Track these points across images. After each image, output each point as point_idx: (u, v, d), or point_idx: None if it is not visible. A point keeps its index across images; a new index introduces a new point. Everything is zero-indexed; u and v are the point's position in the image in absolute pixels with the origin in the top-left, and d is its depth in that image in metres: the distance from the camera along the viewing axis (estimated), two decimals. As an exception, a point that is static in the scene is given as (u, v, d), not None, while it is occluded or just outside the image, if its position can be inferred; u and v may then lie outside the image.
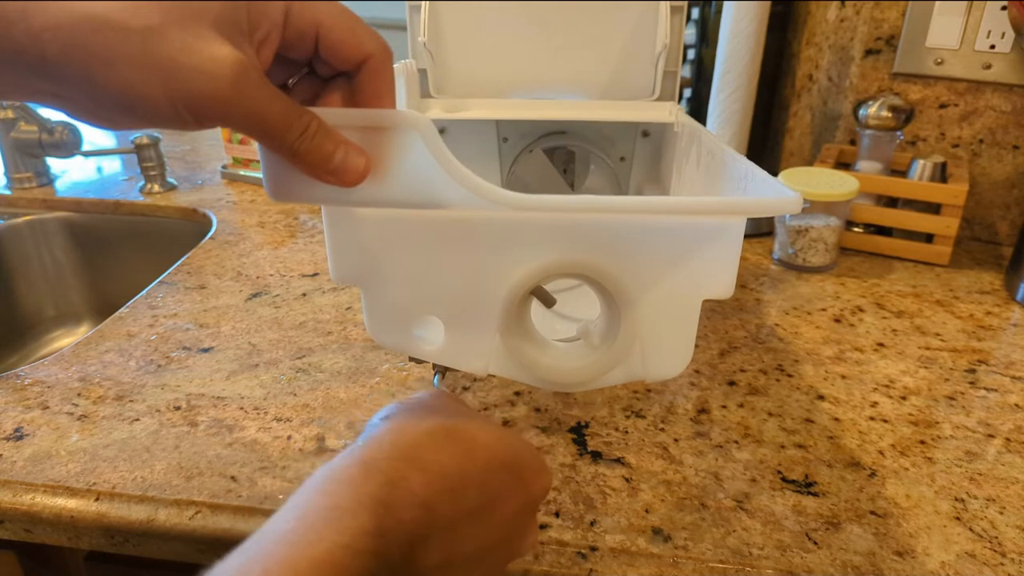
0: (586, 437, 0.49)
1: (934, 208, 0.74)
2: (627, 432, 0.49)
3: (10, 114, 0.89)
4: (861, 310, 0.67)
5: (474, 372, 0.41)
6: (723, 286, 0.39)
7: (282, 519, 0.25)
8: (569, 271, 0.39)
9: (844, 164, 0.82)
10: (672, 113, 0.58)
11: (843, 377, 0.56)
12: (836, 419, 0.52)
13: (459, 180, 0.33)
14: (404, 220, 0.38)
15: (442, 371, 0.50)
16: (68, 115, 0.30)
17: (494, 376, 0.55)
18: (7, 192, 0.92)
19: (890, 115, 0.74)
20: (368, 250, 0.39)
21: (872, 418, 0.52)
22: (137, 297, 0.67)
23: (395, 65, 0.38)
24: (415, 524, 0.27)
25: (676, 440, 0.49)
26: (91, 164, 1.02)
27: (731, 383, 0.55)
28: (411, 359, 0.47)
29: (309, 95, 0.34)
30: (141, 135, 0.89)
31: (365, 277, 0.40)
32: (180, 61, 0.26)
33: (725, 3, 0.77)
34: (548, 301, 0.42)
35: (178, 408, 0.51)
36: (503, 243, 0.38)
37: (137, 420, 0.50)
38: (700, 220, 0.37)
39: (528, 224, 0.38)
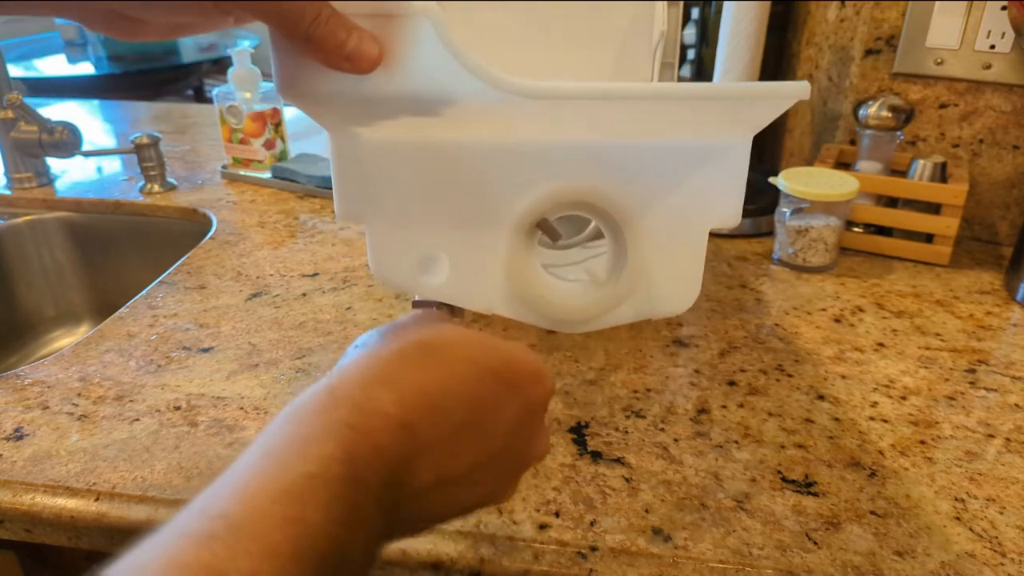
0: (586, 437, 0.49)
1: (934, 208, 0.74)
2: (627, 432, 0.49)
3: (10, 114, 0.89)
4: (861, 310, 0.67)
5: (479, 310, 0.41)
6: (729, 213, 0.39)
7: (247, 456, 0.24)
8: (574, 198, 0.38)
9: (844, 164, 0.82)
10: None
11: (843, 377, 0.56)
12: (836, 419, 0.52)
13: (468, 67, 0.33)
14: (408, 147, 0.37)
15: (446, 315, 0.49)
16: (82, 23, 0.30)
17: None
18: (7, 192, 0.92)
19: (890, 115, 0.74)
20: (373, 181, 0.38)
21: (872, 418, 0.52)
22: (137, 297, 0.67)
23: None
24: (395, 446, 0.26)
25: (676, 440, 0.49)
26: (91, 164, 1.02)
27: (731, 383, 0.55)
28: (415, 304, 0.46)
29: None
30: (141, 135, 0.89)
31: (369, 211, 0.39)
32: None
33: (725, 3, 0.77)
34: (554, 235, 0.41)
35: (178, 408, 0.51)
36: (508, 170, 0.38)
37: (137, 420, 0.50)
38: (704, 141, 0.37)
39: (533, 148, 0.37)
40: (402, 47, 0.33)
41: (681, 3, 0.58)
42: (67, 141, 0.90)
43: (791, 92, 0.35)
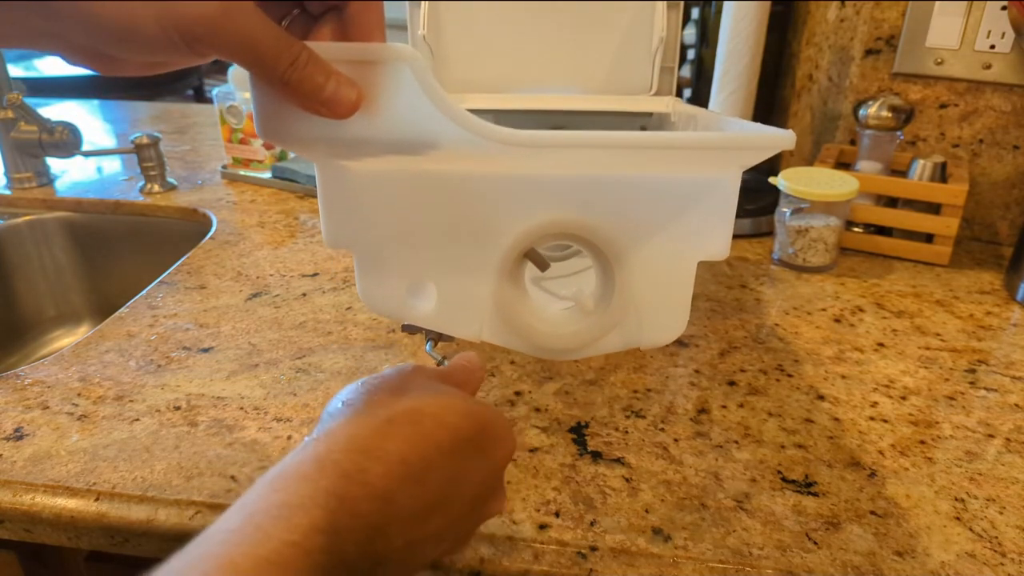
0: (586, 437, 0.49)
1: (934, 208, 0.74)
2: (627, 432, 0.49)
3: (10, 114, 0.89)
4: (861, 310, 0.67)
5: (467, 338, 0.41)
6: (718, 246, 0.39)
7: (229, 518, 0.24)
8: (562, 230, 0.38)
9: (844, 164, 0.82)
10: (669, 105, 0.58)
11: (843, 377, 0.56)
12: (836, 419, 0.52)
13: (448, 114, 0.33)
14: (396, 177, 0.37)
15: (435, 339, 0.50)
16: (62, 56, 0.30)
17: (493, 376, 0.55)
18: (7, 192, 0.92)
19: (890, 115, 0.74)
20: (360, 209, 0.38)
21: (872, 418, 0.52)
22: (137, 297, 0.67)
23: None
24: (373, 516, 0.26)
25: (676, 440, 0.49)
26: (91, 164, 1.02)
27: (731, 383, 0.55)
28: (404, 329, 0.46)
29: (300, 35, 0.34)
30: (141, 135, 0.89)
31: (357, 238, 0.39)
32: None
33: (725, 3, 0.77)
34: (542, 264, 0.41)
35: (178, 408, 0.51)
36: (495, 201, 0.38)
37: (137, 420, 0.50)
38: (693, 175, 0.37)
39: (520, 181, 0.37)
40: (382, 92, 0.33)
41: (681, 5, 0.58)
42: (67, 141, 0.90)
43: (774, 143, 0.36)
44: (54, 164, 0.98)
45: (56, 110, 1.31)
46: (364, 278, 0.40)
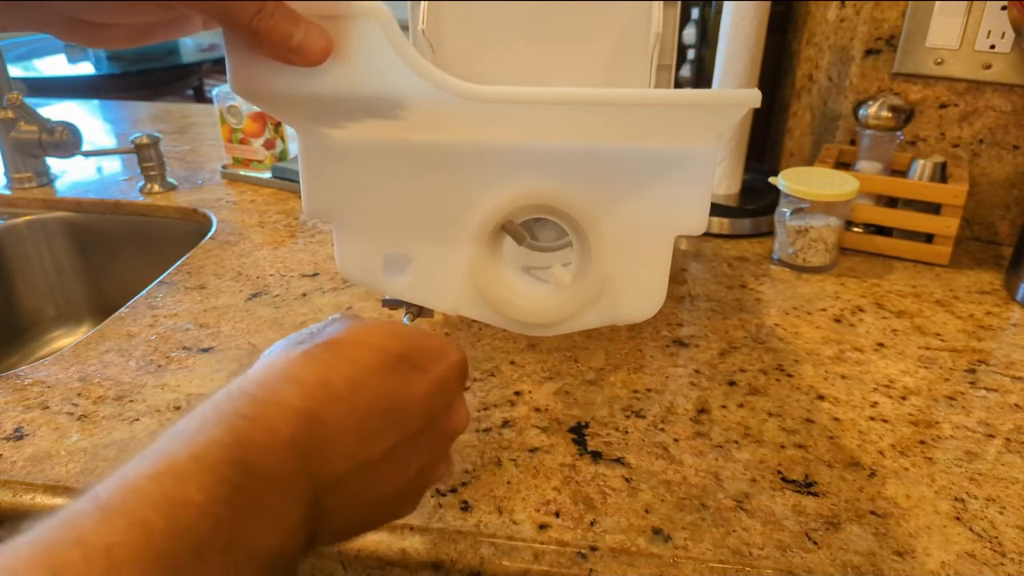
0: (586, 437, 0.49)
1: (934, 208, 0.74)
2: (627, 432, 0.49)
3: (10, 114, 0.89)
4: (861, 310, 0.67)
5: (443, 310, 0.41)
6: (695, 221, 0.39)
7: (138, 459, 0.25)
8: (537, 201, 0.39)
9: (844, 164, 0.82)
10: None
11: (843, 377, 0.56)
12: (836, 419, 0.52)
13: (413, 67, 0.33)
14: (374, 146, 0.38)
15: (414, 314, 0.49)
16: (51, 32, 0.30)
17: (493, 376, 0.55)
18: (7, 192, 0.92)
19: (890, 115, 0.74)
20: (340, 180, 0.39)
21: (872, 418, 0.52)
22: (137, 297, 0.67)
23: None
24: (298, 434, 0.26)
25: (676, 440, 0.49)
26: (91, 164, 1.02)
27: (731, 383, 0.55)
28: (384, 304, 0.46)
29: None
30: (141, 135, 0.89)
31: (336, 209, 0.39)
32: None
33: (725, 3, 0.77)
34: (519, 236, 0.41)
35: (178, 408, 0.51)
36: (471, 171, 0.38)
37: (137, 420, 0.50)
38: (670, 147, 0.37)
39: (496, 151, 0.38)
40: (351, 47, 0.33)
41: (678, 4, 0.58)
42: (67, 141, 0.90)
43: (742, 100, 0.35)
44: (54, 164, 0.98)
45: (56, 110, 1.31)
46: (343, 249, 0.40)
